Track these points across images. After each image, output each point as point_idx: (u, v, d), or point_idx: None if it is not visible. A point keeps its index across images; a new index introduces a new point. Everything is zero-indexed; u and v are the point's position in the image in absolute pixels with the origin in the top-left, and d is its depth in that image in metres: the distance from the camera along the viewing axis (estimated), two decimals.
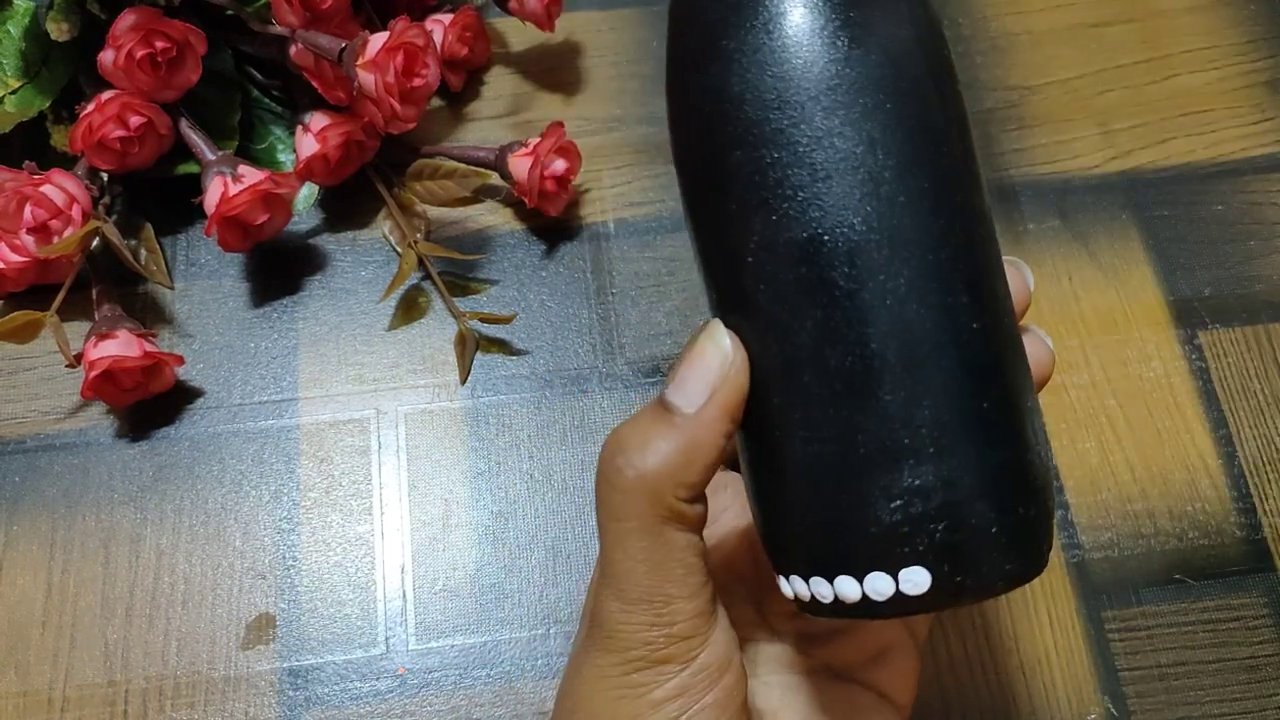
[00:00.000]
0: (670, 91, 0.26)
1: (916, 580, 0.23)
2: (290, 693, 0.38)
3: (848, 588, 0.24)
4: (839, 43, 0.23)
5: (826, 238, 0.23)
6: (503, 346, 0.44)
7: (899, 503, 0.23)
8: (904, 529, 0.23)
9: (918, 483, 0.23)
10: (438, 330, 0.44)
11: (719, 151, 0.24)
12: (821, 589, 0.25)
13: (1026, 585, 0.40)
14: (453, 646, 0.39)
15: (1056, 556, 0.40)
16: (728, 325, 0.25)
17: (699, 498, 0.26)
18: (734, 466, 0.28)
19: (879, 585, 0.24)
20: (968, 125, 0.25)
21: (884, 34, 0.24)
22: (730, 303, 0.25)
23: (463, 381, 0.43)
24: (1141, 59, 0.50)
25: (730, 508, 0.32)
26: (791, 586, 0.26)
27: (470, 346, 0.43)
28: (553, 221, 0.46)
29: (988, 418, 0.24)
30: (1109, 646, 0.39)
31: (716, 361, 0.25)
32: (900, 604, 0.24)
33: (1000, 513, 0.23)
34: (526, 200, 0.44)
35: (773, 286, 0.24)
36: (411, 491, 0.41)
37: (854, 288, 0.23)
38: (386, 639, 0.39)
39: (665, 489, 0.25)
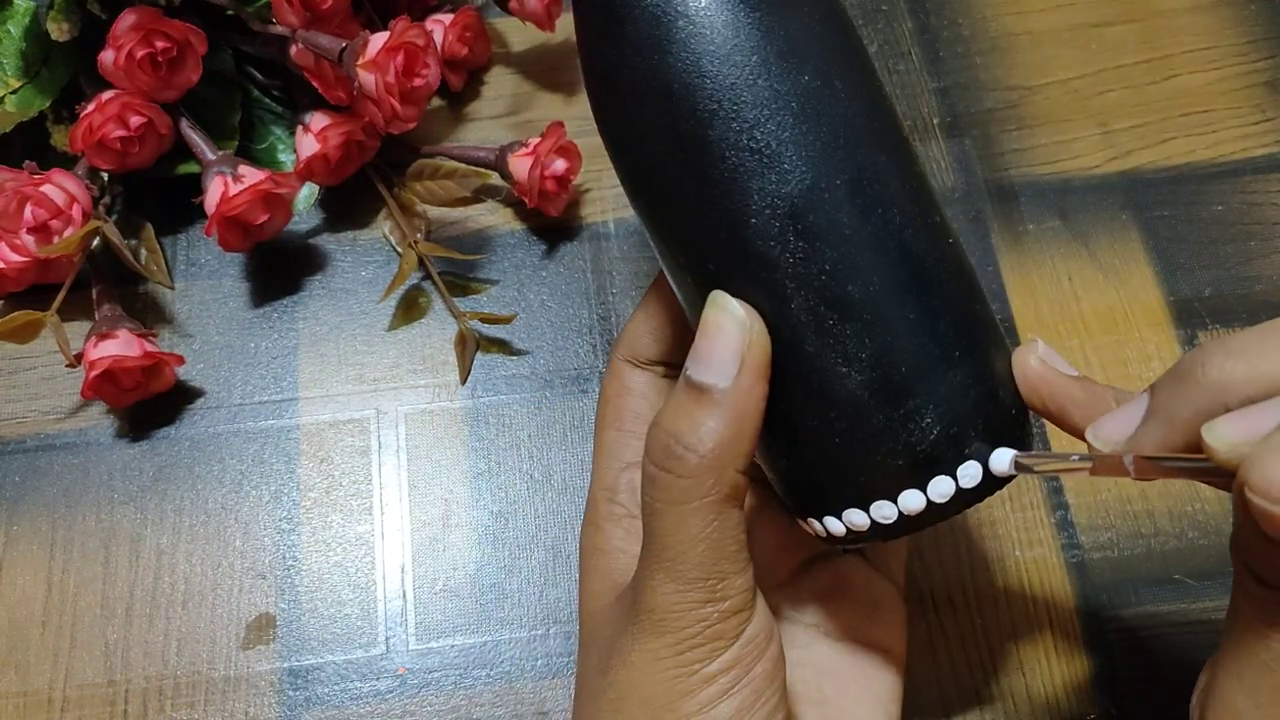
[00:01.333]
0: (601, 89, 0.27)
1: (942, 490, 0.26)
2: (290, 693, 0.38)
3: (885, 510, 0.26)
4: (799, 7, 0.26)
5: (823, 183, 0.25)
6: (503, 346, 0.44)
7: (920, 420, 0.25)
8: (953, 430, 0.25)
9: (945, 392, 0.25)
10: (438, 330, 0.44)
11: (685, 124, 0.25)
12: (856, 519, 0.27)
13: (1026, 585, 0.40)
14: (453, 646, 0.39)
15: (1056, 557, 0.40)
16: (728, 293, 0.26)
17: (749, 467, 0.26)
18: None
19: (911, 502, 0.26)
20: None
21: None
22: (728, 269, 0.26)
23: (463, 381, 0.43)
24: (1142, 59, 0.50)
25: None
26: (826, 527, 0.28)
27: (470, 346, 0.43)
28: (553, 221, 0.46)
29: (989, 320, 0.27)
30: (1109, 646, 0.39)
31: (736, 329, 0.25)
32: (930, 514, 0.26)
33: (1015, 403, 0.27)
34: (527, 200, 0.44)
35: (780, 242, 0.25)
36: (412, 491, 0.41)
37: (859, 223, 0.25)
38: (386, 639, 0.39)
39: (726, 466, 0.25)
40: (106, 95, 0.40)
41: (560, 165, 0.43)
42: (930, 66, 0.50)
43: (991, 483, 0.26)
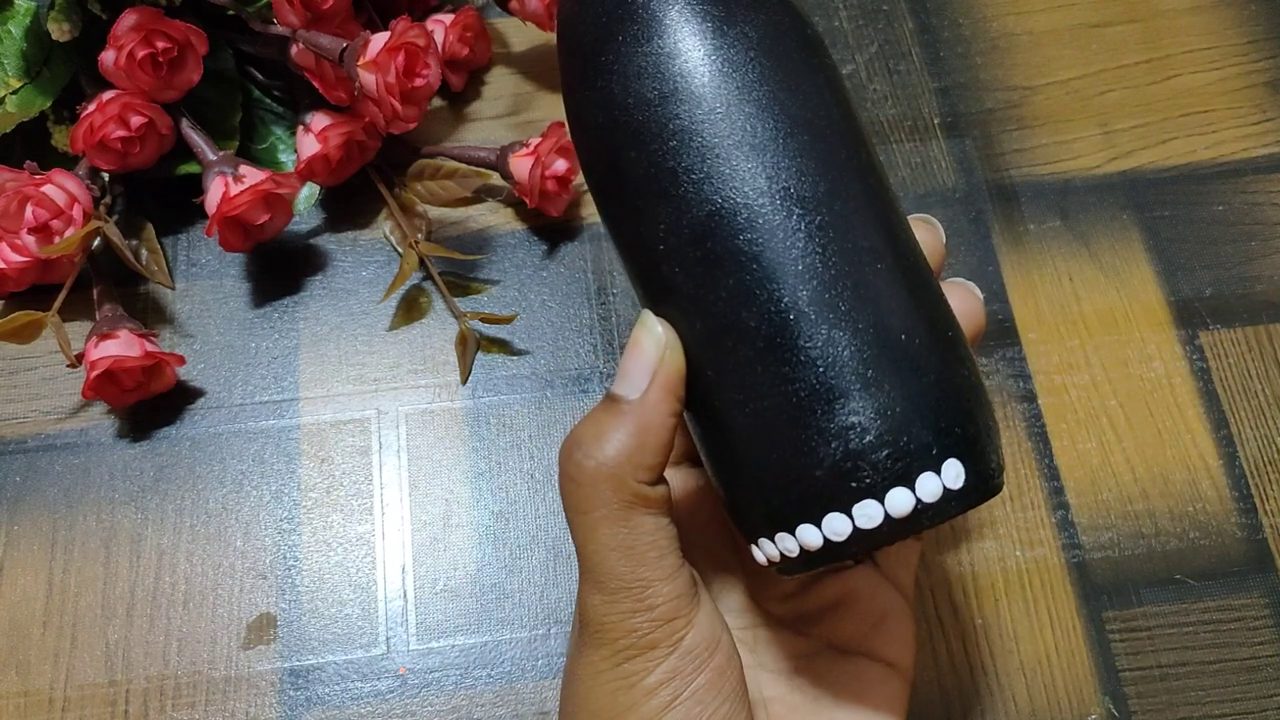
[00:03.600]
0: (567, 110, 0.28)
1: (870, 513, 0.25)
2: (291, 693, 0.38)
3: (809, 535, 0.25)
4: (704, 39, 0.26)
5: (724, 209, 0.25)
6: (504, 346, 0.44)
7: (838, 442, 0.24)
8: (847, 465, 0.24)
9: (852, 419, 0.24)
10: (438, 330, 0.44)
11: (615, 155, 0.27)
12: (787, 544, 0.26)
13: (1026, 585, 0.40)
14: (453, 647, 0.39)
15: (1056, 557, 0.40)
16: (657, 314, 0.27)
17: (659, 480, 0.27)
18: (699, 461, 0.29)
19: (836, 526, 0.25)
20: (842, 86, 0.27)
21: (742, 21, 0.26)
22: (654, 292, 0.27)
23: (464, 381, 0.43)
24: (1142, 59, 0.50)
25: (706, 503, 0.32)
26: (762, 551, 0.27)
27: (471, 346, 0.43)
28: (554, 222, 0.46)
29: (907, 348, 0.25)
30: (1109, 647, 0.39)
31: (651, 346, 0.26)
32: (862, 539, 0.25)
33: (937, 435, 0.25)
34: (527, 200, 0.44)
35: (684, 267, 0.26)
36: (412, 491, 0.41)
37: (757, 250, 0.25)
38: (387, 639, 0.39)
39: (625, 474, 0.26)
40: (107, 95, 0.40)
41: (561, 165, 0.43)
42: (931, 66, 0.50)
43: (900, 524, 0.25)
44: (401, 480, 0.41)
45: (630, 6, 0.26)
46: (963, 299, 0.29)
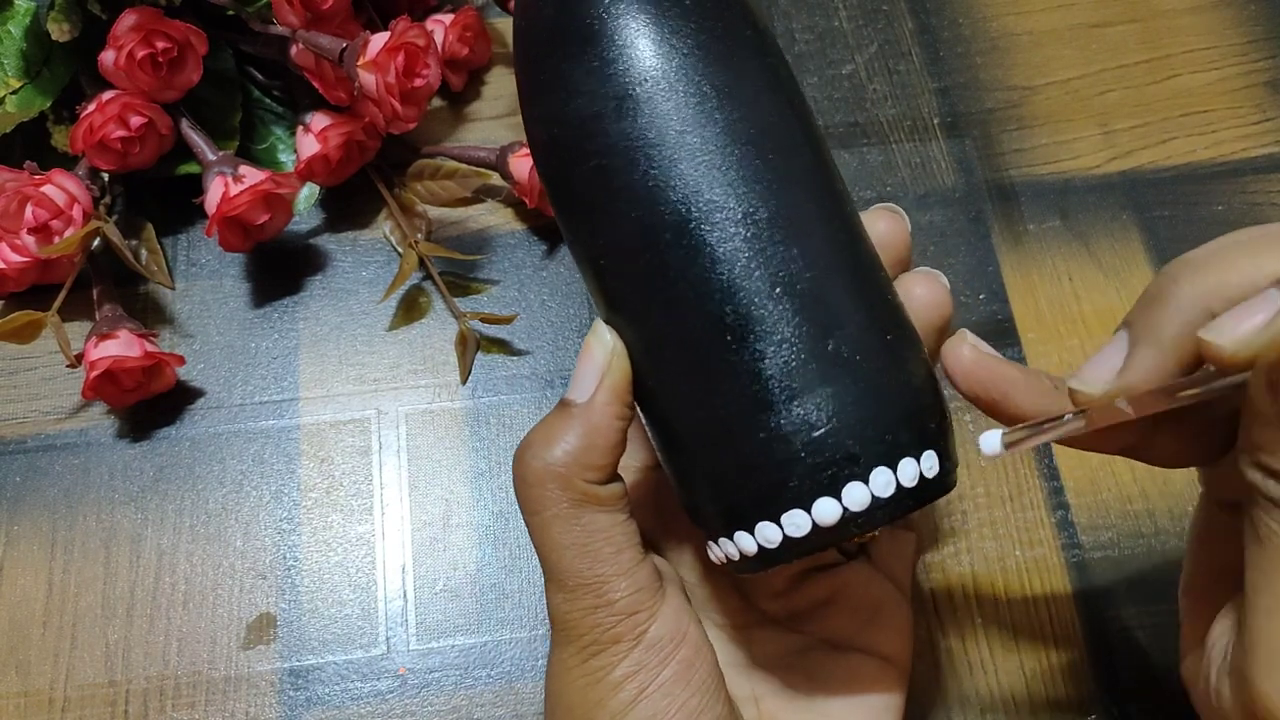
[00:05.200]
0: (525, 127, 0.29)
1: (798, 522, 0.25)
2: (291, 693, 0.38)
3: (745, 542, 0.26)
4: (637, 55, 0.26)
5: (656, 224, 0.25)
6: (503, 346, 0.44)
7: (767, 452, 0.25)
8: (776, 475, 0.25)
9: (780, 431, 0.25)
10: (438, 330, 0.44)
11: (561, 170, 0.27)
12: (729, 548, 0.26)
13: (1026, 585, 0.40)
14: (453, 647, 0.39)
15: (1056, 557, 0.40)
16: (609, 323, 0.27)
17: (610, 479, 0.27)
18: None
19: (768, 534, 0.25)
20: (787, 87, 0.27)
21: (673, 34, 0.26)
22: (605, 302, 0.28)
23: (464, 381, 0.43)
24: (1142, 59, 0.50)
25: None
26: (721, 550, 0.27)
27: (471, 346, 0.43)
28: (554, 222, 0.46)
29: (834, 357, 0.25)
30: (1109, 647, 0.39)
31: (600, 353, 0.27)
32: (794, 547, 0.25)
33: (864, 444, 0.25)
34: (527, 200, 0.44)
35: (625, 280, 0.26)
36: (412, 491, 0.41)
37: (686, 264, 0.25)
38: (387, 639, 0.39)
39: (573, 474, 0.26)
40: (107, 95, 0.40)
41: None
42: (931, 66, 0.50)
43: (829, 531, 0.25)
44: (401, 480, 0.41)
45: (564, 24, 0.26)
46: (927, 288, 0.29)
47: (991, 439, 0.26)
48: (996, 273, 0.45)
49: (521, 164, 0.43)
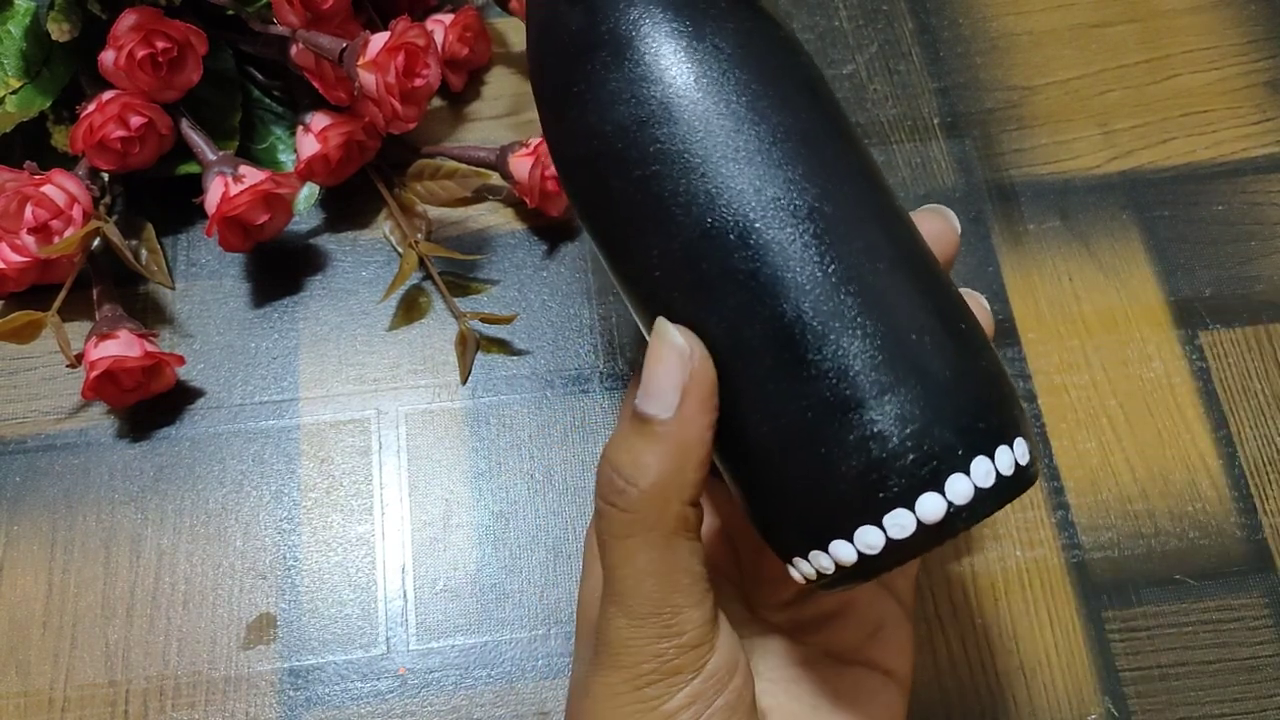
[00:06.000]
0: (547, 143, 0.28)
1: (902, 523, 0.24)
2: (291, 693, 0.38)
3: (843, 551, 0.24)
4: (675, 57, 0.25)
5: (714, 229, 0.25)
6: (503, 346, 0.44)
7: (860, 453, 0.24)
8: (872, 476, 0.24)
9: (873, 429, 0.24)
10: (438, 330, 0.44)
11: (599, 185, 0.26)
12: (822, 561, 0.25)
13: (1026, 585, 0.40)
14: (453, 647, 0.39)
15: (1056, 557, 0.40)
16: None
17: (698, 500, 0.26)
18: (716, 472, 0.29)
19: (869, 539, 0.24)
20: (823, 85, 0.27)
21: (712, 34, 0.25)
22: (660, 316, 0.26)
23: (463, 381, 0.43)
24: (1142, 59, 0.50)
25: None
26: (798, 570, 0.26)
27: (471, 347, 0.43)
28: (554, 221, 0.46)
29: (919, 348, 0.24)
30: (1109, 647, 0.39)
31: (676, 360, 0.25)
32: (897, 550, 0.24)
33: (960, 434, 0.24)
34: (527, 200, 0.44)
35: (682, 292, 0.25)
36: (412, 491, 0.41)
37: (753, 267, 0.24)
38: (387, 639, 0.39)
39: (670, 499, 0.25)
40: (107, 95, 0.40)
41: None
42: (931, 66, 0.50)
43: (935, 529, 0.24)
44: (401, 480, 0.41)
45: (596, 32, 0.26)
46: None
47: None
48: (996, 273, 0.45)
49: (521, 164, 0.43)
